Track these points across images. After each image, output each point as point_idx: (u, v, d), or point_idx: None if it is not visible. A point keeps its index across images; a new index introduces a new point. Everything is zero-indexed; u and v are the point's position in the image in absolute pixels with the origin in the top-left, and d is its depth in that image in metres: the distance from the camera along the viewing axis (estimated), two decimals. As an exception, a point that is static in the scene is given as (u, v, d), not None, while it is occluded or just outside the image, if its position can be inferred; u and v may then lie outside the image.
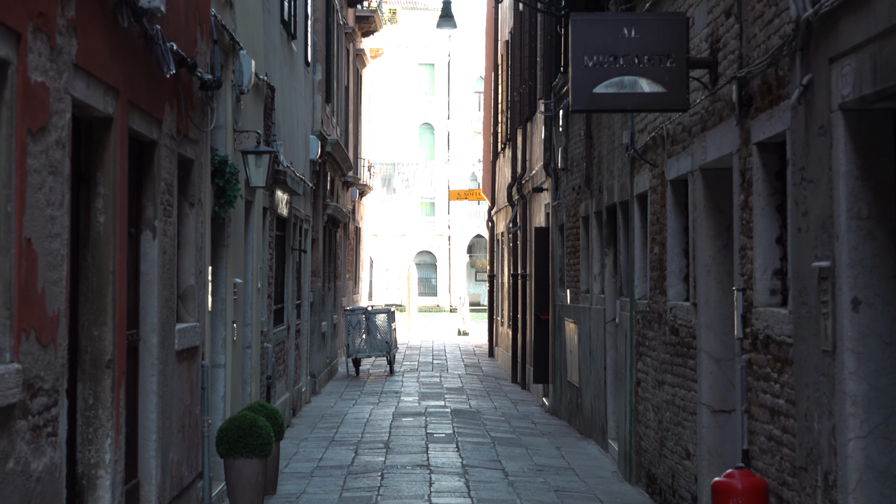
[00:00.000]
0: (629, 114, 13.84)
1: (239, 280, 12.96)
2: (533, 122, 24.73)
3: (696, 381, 10.69)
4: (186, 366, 10.36)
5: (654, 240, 12.55)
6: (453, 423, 18.35)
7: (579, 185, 18.41)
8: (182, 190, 10.56)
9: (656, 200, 12.40)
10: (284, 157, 17.27)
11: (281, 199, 17.38)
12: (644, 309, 13.08)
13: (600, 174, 16.54)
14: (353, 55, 35.11)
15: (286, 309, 18.60)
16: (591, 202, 17.20)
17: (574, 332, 18.83)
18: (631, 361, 13.86)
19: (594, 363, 17.07)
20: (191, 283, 10.62)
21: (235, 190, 11.81)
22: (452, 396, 23.03)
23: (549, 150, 21.37)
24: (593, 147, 17.18)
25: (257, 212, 14.59)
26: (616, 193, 15.11)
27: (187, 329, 10.29)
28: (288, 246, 18.57)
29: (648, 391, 12.81)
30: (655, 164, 12.37)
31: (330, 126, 25.98)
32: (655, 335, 12.40)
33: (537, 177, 23.45)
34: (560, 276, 20.76)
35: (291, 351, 19.38)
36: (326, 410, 20.58)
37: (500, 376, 28.20)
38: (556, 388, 20.86)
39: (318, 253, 24.01)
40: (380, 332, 27.92)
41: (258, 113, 14.62)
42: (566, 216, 19.74)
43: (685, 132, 11.02)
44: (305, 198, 20.92)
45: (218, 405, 12.36)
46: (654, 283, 12.50)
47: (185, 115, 10.02)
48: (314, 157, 21.63)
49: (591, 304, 17.31)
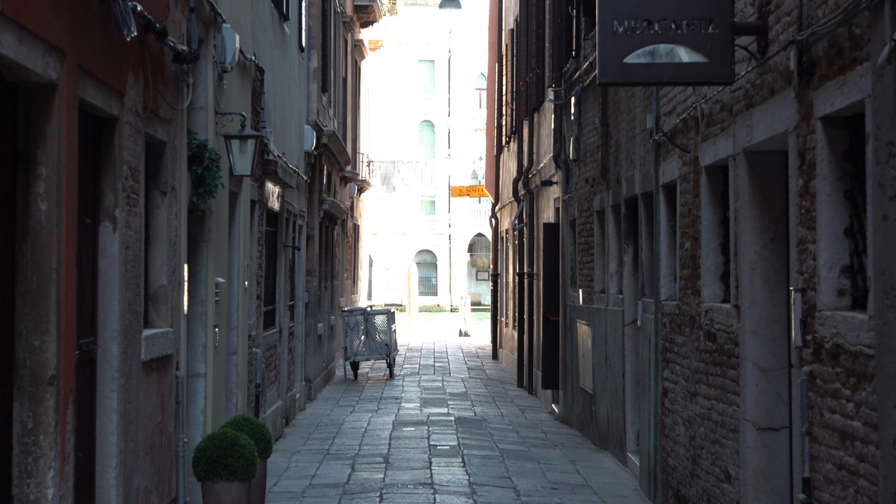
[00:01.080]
0: (654, 95, 12.53)
1: (221, 279, 11.65)
2: (540, 113, 23.42)
3: (737, 394, 9.37)
4: (156, 377, 9.05)
5: (684, 234, 11.23)
6: (458, 434, 17.03)
7: (593, 176, 17.10)
8: (152, 176, 9.26)
9: (687, 190, 11.08)
10: (275, 146, 15.96)
11: (272, 192, 16.06)
12: (672, 311, 11.76)
13: (618, 164, 15.23)
14: (352, 46, 33.80)
15: (278, 310, 17.28)
16: (608, 195, 15.89)
17: (587, 334, 17.52)
18: (656, 369, 12.54)
19: (610, 369, 15.76)
20: (162, 282, 9.31)
21: (216, 178, 10.50)
22: (456, 403, 21.71)
23: (559, 141, 20.06)
24: (610, 135, 15.86)
25: (244, 204, 13.27)
26: (637, 184, 13.80)
27: (157, 336, 8.98)
28: (280, 242, 17.25)
29: (678, 403, 11.50)
30: (686, 150, 11.05)
31: (326, 117, 24.66)
32: (686, 341, 11.08)
33: (546, 170, 22.14)
34: (571, 274, 19.45)
35: (284, 355, 18.06)
36: (322, 419, 19.26)
37: (505, 380, 26.88)
38: (567, 394, 19.54)
39: (314, 251, 22.69)
40: (379, 333, 26.59)
41: (245, 96, 13.31)
42: (578, 211, 18.42)
43: (724, 111, 9.70)
44: (299, 192, 19.61)
45: (197, 420, 11.05)
46: (684, 283, 11.19)
47: (153, 90, 8.71)
48: (309, 148, 20.31)
49: (606, 305, 16.00)
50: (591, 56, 16.91)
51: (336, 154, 25.26)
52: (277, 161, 15.30)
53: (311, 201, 22.25)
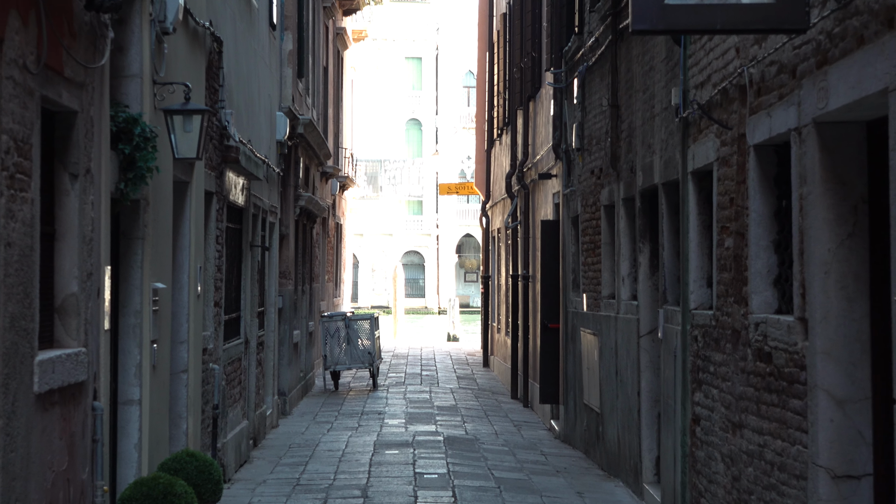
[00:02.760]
0: (680, 64, 10.53)
1: (161, 284, 9.63)
2: (537, 101, 21.43)
3: (803, 431, 7.38)
4: (61, 413, 7.04)
5: (724, 230, 9.25)
6: (448, 458, 15.02)
7: (600, 167, 15.12)
8: (58, 155, 7.25)
9: (728, 175, 9.10)
10: (239, 131, 13.94)
11: (234, 184, 14.04)
12: (706, 322, 9.78)
13: (631, 151, 13.25)
14: (334, 34, 31.77)
15: (243, 319, 15.24)
16: (618, 187, 13.91)
17: (593, 345, 15.53)
18: (684, 391, 10.55)
19: (622, 385, 13.77)
20: (72, 290, 7.30)
21: (149, 160, 8.48)
22: (445, 418, 19.70)
23: (559, 129, 18.07)
24: (621, 118, 13.88)
25: (195, 195, 11.25)
26: (657, 173, 11.81)
27: (63, 359, 6.97)
28: (246, 241, 15.22)
29: (714, 434, 9.50)
30: (727, 126, 9.05)
31: (304, 106, 22.64)
32: (727, 359, 9.09)
33: (543, 162, 20.15)
34: (574, 277, 17.46)
35: (252, 369, 16.04)
36: (295, 438, 17.23)
37: (497, 391, 24.87)
38: (569, 410, 17.55)
39: (289, 251, 20.66)
40: (361, 340, 24.54)
41: (196, 68, 11.28)
42: (582, 206, 16.43)
43: (784, 74, 7.71)
44: (270, 185, 17.58)
45: (130, 458, 9.02)
46: (724, 289, 9.20)
47: (52, 41, 6.69)
48: (282, 137, 18.29)
49: (617, 313, 14.03)
50: (596, 30, 14.93)
51: (314, 146, 23.23)
52: (240, 147, 13.28)
53: (286, 196, 20.22)
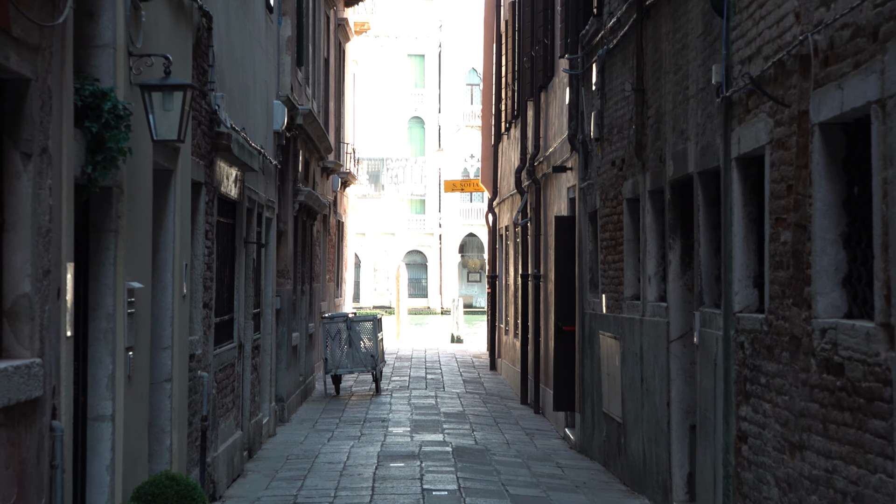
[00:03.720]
0: (723, 37, 9.40)
1: (138, 284, 8.49)
2: (549, 91, 20.30)
3: (888, 457, 6.25)
4: (7, 437, 5.91)
5: (779, 221, 8.12)
6: (457, 472, 13.88)
7: (622, 157, 13.99)
8: (7, 130, 6.12)
9: (785, 160, 7.96)
10: (231, 117, 12.82)
11: (226, 174, 12.91)
12: (755, 327, 8.65)
13: (660, 139, 12.13)
14: (335, 24, 30.64)
15: (237, 321, 14.10)
16: (644, 178, 12.79)
17: (614, 349, 14.40)
18: (727, 404, 9.42)
19: (648, 394, 12.65)
20: (24, 290, 6.18)
21: (121, 140, 7.35)
22: (453, 426, 18.56)
23: (575, 119, 16.93)
24: (647, 104, 12.75)
25: (180, 185, 10.12)
26: (692, 160, 10.68)
27: (7, 373, 5.85)
28: (239, 238, 14.09)
29: (766, 454, 8.37)
30: (784, 103, 7.92)
31: (303, 96, 21.51)
32: (784, 370, 7.96)
33: (556, 155, 19.01)
34: (591, 277, 16.33)
35: (246, 374, 14.91)
36: (293, 448, 16.09)
37: (506, 395, 23.73)
38: (586, 419, 16.41)
39: (287, 249, 19.53)
40: (364, 343, 23.41)
41: (180, 42, 10.15)
42: (601, 200, 15.31)
43: (862, 37, 6.58)
44: (267, 178, 16.45)
45: (101, 482, 7.90)
46: (779, 289, 8.07)
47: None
48: (279, 127, 17.17)
49: (642, 315, 12.90)
50: (618, 10, 13.81)
51: (315, 139, 22.10)
52: (232, 134, 12.16)
53: (284, 191, 19.09)
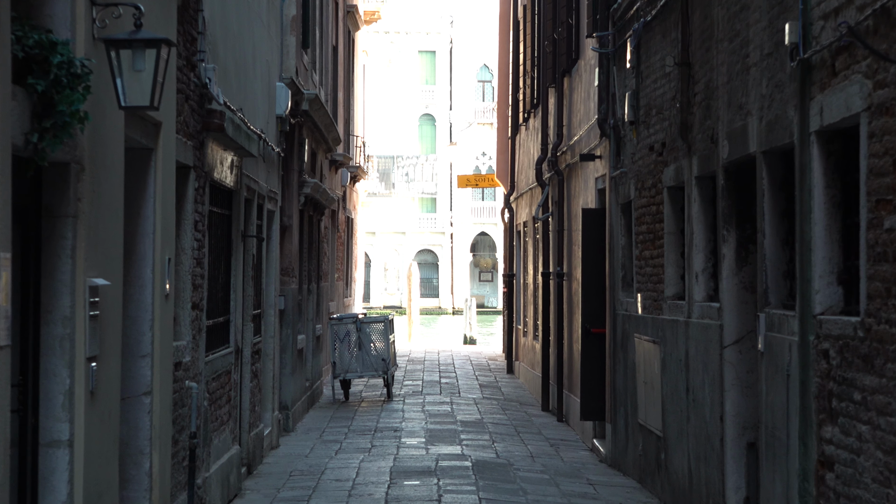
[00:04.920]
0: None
1: (102, 281, 7.06)
2: (573, 75, 18.87)
3: None
4: None
5: (881, 204, 6.68)
6: (479, 492, 12.46)
7: (662, 141, 12.56)
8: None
9: (889, 128, 6.52)
10: (226, 95, 11.41)
11: (220, 159, 11.49)
12: (846, 333, 7.22)
13: (710, 117, 10.69)
14: (344, 11, 29.23)
15: (233, 323, 12.68)
16: (690, 162, 11.35)
17: (652, 354, 12.97)
18: (804, 422, 7.98)
19: (696, 406, 11.21)
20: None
21: (74, 102, 5.93)
22: (471, 437, 17.14)
23: (605, 102, 15.49)
24: (694, 78, 11.32)
25: (163, 168, 8.71)
26: (754, 138, 9.24)
27: None
28: (236, 230, 12.67)
29: (864, 486, 6.93)
30: (890, 59, 6.49)
31: (310, 82, 20.10)
32: (888, 385, 6.52)
33: (583, 142, 17.57)
34: (624, 274, 14.89)
35: (245, 382, 13.50)
36: (298, 463, 14.68)
37: (525, 401, 22.29)
38: (618, 430, 14.98)
39: (292, 244, 18.11)
40: (374, 346, 21.98)
41: (163, 1, 8.72)
42: (636, 189, 13.88)
43: None
44: (269, 166, 15.04)
45: (55, 521, 6.49)
46: (882, 287, 6.64)
47: None
48: (283, 112, 15.75)
49: (687, 317, 11.47)
50: (658, -23, 12.38)
51: (322, 128, 20.68)
52: (226, 113, 10.74)
53: (288, 182, 17.67)
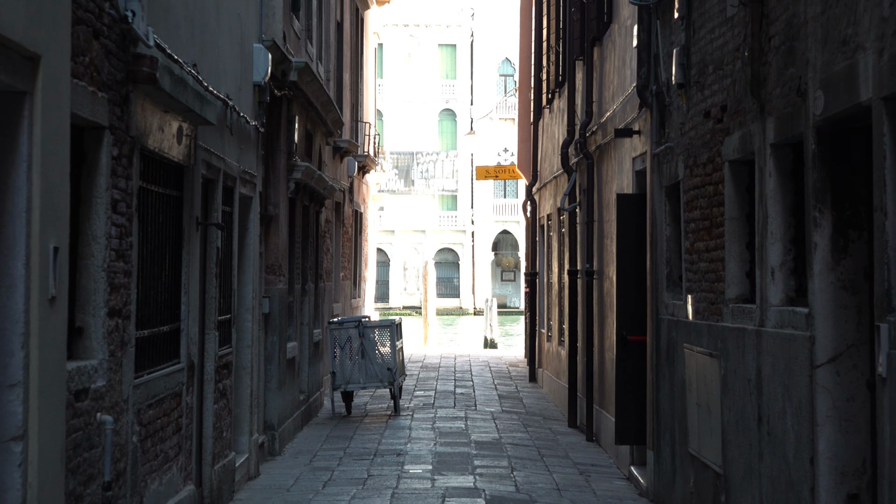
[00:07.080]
0: None
1: None
2: (605, 43, 16.35)
3: None
4: None
5: None
6: (493, 543, 9.93)
7: (722, 103, 10.01)
8: None
9: None
10: (168, 43, 8.89)
11: (158, 122, 8.95)
12: None
13: (793, 64, 8.14)
14: (351, -14, 26.79)
15: (184, 332, 10.14)
16: (763, 126, 8.80)
17: (710, 370, 10.41)
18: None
19: (772, 441, 8.66)
20: None
21: None
22: (487, 462, 14.60)
23: (646, 65, 12.95)
24: (769, 17, 8.76)
25: (45, 120, 6.19)
26: (869, 81, 6.68)
27: None
28: (189, 216, 10.15)
29: None
30: None
31: (302, 51, 17.59)
32: None
33: (617, 118, 15.04)
34: (669, 271, 12.35)
35: (206, 405, 10.98)
36: (274, 499, 12.15)
37: (549, 415, 19.77)
38: (663, 458, 12.44)
39: (279, 238, 15.58)
40: (380, 353, 19.47)
41: None
42: (685, 167, 11.34)
43: None
44: (244, 143, 12.53)
45: None
46: None
47: None
48: (261, 79, 13.26)
49: (759, 325, 8.92)
50: None
51: (318, 107, 18.13)
52: (159, 60, 8.21)
53: (273, 164, 15.15)
